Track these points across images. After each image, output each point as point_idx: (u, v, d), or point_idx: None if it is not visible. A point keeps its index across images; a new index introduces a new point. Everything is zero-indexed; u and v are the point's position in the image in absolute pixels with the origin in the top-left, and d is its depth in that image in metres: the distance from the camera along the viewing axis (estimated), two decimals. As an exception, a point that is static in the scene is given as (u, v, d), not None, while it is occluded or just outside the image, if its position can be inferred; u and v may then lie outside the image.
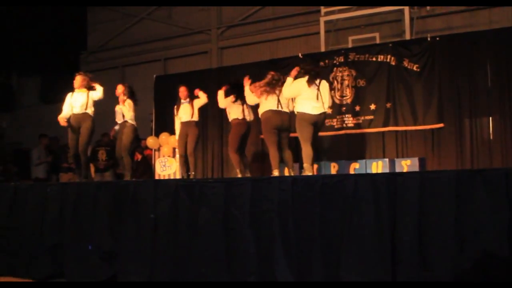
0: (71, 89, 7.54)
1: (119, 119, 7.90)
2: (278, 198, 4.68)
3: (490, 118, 8.35)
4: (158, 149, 9.96)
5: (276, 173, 7.02)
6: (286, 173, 7.33)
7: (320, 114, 6.86)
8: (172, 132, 9.77)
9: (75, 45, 16.51)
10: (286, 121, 7.28)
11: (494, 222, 3.84)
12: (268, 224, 4.70)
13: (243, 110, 7.72)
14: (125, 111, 7.81)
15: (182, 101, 8.28)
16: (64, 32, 15.98)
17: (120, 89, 7.94)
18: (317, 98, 6.81)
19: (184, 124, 8.26)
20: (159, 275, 5.20)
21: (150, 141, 9.92)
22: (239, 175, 7.51)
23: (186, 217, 5.16)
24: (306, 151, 6.76)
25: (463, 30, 10.24)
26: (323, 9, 11.07)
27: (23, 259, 6.14)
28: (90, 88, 7.45)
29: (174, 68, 14.41)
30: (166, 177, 9.50)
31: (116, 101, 8.03)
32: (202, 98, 8.25)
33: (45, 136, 11.40)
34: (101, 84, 7.57)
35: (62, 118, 7.43)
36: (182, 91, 8.31)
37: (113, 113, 8.06)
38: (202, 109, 8.55)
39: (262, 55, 12.50)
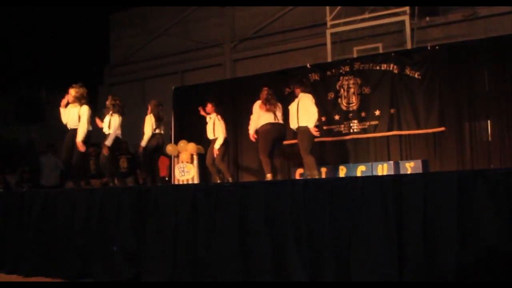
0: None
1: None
2: (291, 200, 4.66)
3: (489, 121, 8.29)
4: (177, 156, 9.95)
5: (270, 177, 7.35)
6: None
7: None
8: (190, 139, 9.78)
9: (99, 60, 16.68)
10: (282, 132, 7.73)
11: (495, 219, 3.79)
12: (281, 225, 4.67)
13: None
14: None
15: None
16: (89, 48, 16.14)
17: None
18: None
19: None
20: (179, 274, 5.19)
21: (170, 148, 9.91)
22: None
23: (204, 219, 5.14)
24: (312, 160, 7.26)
25: (461, 39, 10.19)
26: (329, 22, 11.11)
27: (54, 260, 6.18)
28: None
29: (191, 80, 14.48)
30: (185, 182, 9.49)
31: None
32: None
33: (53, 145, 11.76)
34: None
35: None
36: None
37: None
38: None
39: (273, 66, 12.50)
